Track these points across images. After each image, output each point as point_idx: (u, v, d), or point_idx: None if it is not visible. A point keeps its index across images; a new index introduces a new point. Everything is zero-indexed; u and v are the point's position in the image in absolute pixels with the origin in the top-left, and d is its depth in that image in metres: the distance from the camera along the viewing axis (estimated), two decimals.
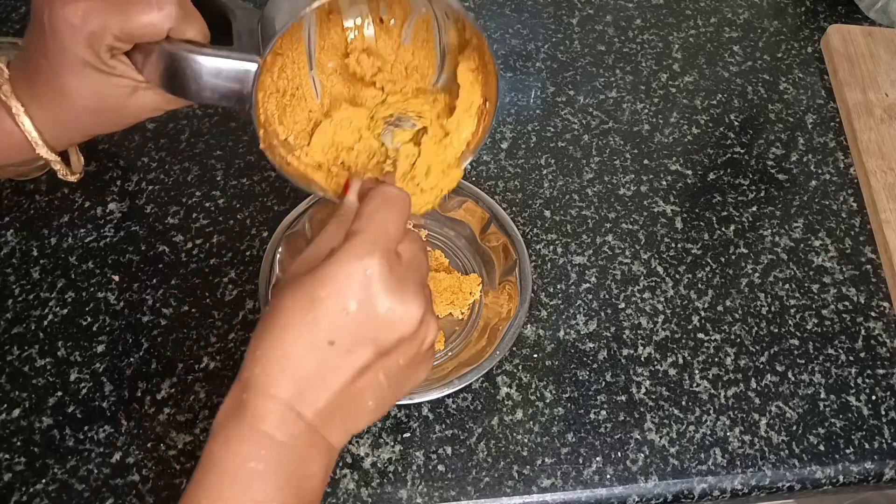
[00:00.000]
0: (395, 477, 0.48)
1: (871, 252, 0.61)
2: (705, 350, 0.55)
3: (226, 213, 0.59)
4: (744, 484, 0.50)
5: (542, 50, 0.72)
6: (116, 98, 0.39)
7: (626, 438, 0.51)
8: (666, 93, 0.70)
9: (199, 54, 0.36)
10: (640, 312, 0.56)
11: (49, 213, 0.58)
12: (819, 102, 0.70)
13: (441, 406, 0.51)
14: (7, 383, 0.50)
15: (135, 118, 0.41)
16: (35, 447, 0.48)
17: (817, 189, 0.65)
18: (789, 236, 0.62)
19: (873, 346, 0.56)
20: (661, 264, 0.59)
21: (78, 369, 0.51)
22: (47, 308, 0.54)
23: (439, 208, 0.59)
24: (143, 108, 0.40)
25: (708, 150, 0.66)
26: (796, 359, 0.55)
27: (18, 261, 0.56)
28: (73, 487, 0.47)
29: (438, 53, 0.44)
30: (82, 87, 0.37)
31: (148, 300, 0.54)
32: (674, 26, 0.75)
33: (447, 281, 0.55)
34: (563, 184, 0.63)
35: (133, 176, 0.61)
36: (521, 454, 0.50)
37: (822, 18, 0.77)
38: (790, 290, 0.58)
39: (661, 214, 0.62)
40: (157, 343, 0.53)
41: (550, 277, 0.58)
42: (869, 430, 0.52)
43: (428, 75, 0.45)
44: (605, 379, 0.53)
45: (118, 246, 0.57)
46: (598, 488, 0.49)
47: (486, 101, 0.43)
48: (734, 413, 0.52)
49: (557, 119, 0.67)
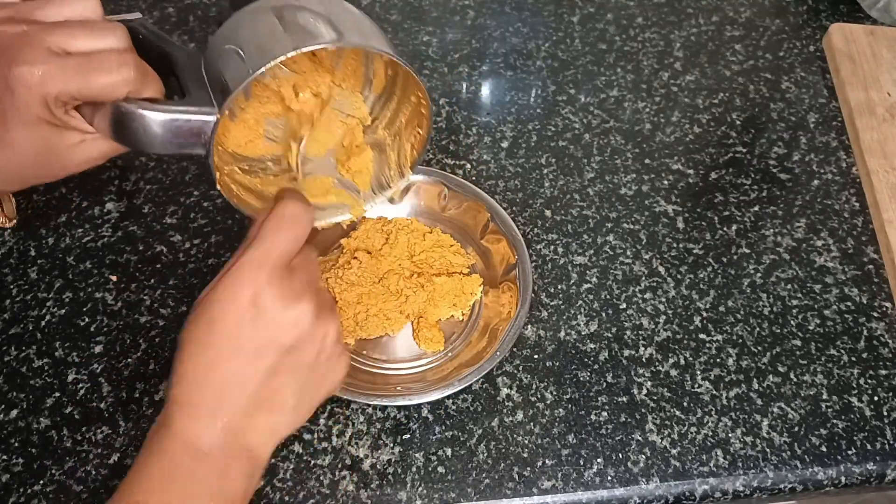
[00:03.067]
0: (395, 478, 0.48)
1: (873, 252, 0.61)
2: (707, 351, 0.55)
3: (224, 213, 0.59)
4: (745, 485, 0.50)
5: (543, 48, 0.72)
6: (64, 149, 0.39)
7: (628, 440, 0.50)
8: (667, 92, 0.70)
9: (153, 111, 0.37)
10: (642, 313, 0.56)
11: (47, 212, 0.58)
12: (821, 101, 0.70)
13: (441, 407, 0.51)
14: (4, 384, 0.50)
15: (81, 166, 0.41)
16: (33, 448, 0.48)
17: (819, 189, 0.64)
18: (791, 236, 0.61)
19: (875, 347, 0.56)
20: (662, 264, 0.59)
21: (76, 370, 0.51)
22: (45, 308, 0.53)
23: (439, 208, 0.58)
24: (90, 157, 0.40)
25: (710, 150, 0.66)
26: (798, 359, 0.55)
27: (16, 261, 0.55)
28: (71, 489, 0.47)
29: (366, 77, 0.46)
30: (31, 139, 0.37)
31: (146, 300, 0.54)
32: (675, 25, 0.75)
33: (449, 284, 0.54)
34: (564, 183, 0.63)
35: (131, 175, 0.60)
36: (522, 455, 0.49)
37: (824, 17, 0.77)
38: (792, 290, 0.58)
39: (662, 214, 0.62)
40: (155, 344, 0.52)
41: (551, 277, 0.57)
42: (871, 431, 0.52)
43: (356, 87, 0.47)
44: (606, 380, 0.53)
45: (116, 246, 0.57)
46: (599, 490, 0.49)
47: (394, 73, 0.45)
48: (736, 414, 0.52)
49: (558, 118, 0.67)
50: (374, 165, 0.48)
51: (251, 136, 0.45)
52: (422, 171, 0.58)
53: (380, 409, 0.51)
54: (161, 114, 0.37)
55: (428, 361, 0.53)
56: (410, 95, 0.45)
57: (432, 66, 0.70)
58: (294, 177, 0.47)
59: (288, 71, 0.43)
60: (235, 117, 0.43)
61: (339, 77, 0.45)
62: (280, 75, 0.43)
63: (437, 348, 0.53)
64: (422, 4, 0.75)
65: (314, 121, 0.46)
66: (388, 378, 0.52)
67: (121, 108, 0.36)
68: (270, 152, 0.46)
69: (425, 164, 0.62)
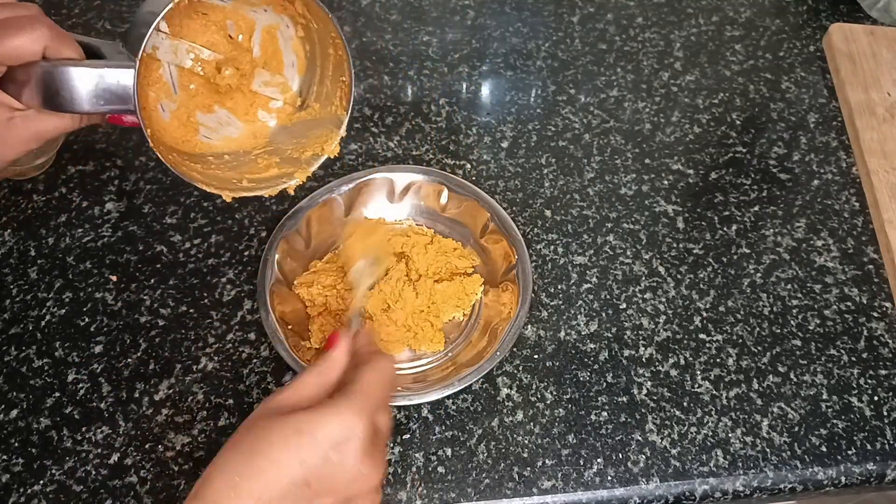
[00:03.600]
0: (395, 479, 0.48)
1: (873, 252, 0.61)
2: (707, 351, 0.55)
3: (224, 213, 0.59)
4: (745, 485, 0.50)
5: (543, 48, 0.72)
6: None
7: (628, 440, 0.50)
8: (667, 92, 0.70)
9: (77, 66, 0.38)
10: (642, 313, 0.56)
11: (47, 212, 0.58)
12: (821, 101, 0.70)
13: (441, 407, 0.51)
14: (5, 384, 0.50)
15: (20, 146, 0.41)
16: (33, 448, 0.48)
17: (819, 189, 0.64)
18: (791, 236, 0.61)
19: (875, 347, 0.56)
20: (662, 264, 0.59)
21: (76, 370, 0.51)
22: (45, 308, 0.53)
23: (439, 208, 0.58)
24: (24, 136, 0.40)
25: (710, 150, 0.66)
26: (798, 359, 0.55)
27: (16, 261, 0.55)
28: (71, 489, 0.47)
29: (287, 61, 0.50)
30: None
31: (146, 300, 0.54)
32: (675, 25, 0.75)
33: (451, 288, 0.54)
34: (564, 183, 0.63)
35: (131, 175, 0.60)
36: (522, 455, 0.49)
37: (824, 17, 0.77)
38: (792, 290, 0.58)
39: (662, 214, 0.62)
40: (154, 343, 0.52)
41: (551, 278, 0.57)
42: (871, 431, 0.52)
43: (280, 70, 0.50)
44: (606, 380, 0.53)
45: (116, 246, 0.57)
46: (598, 490, 0.49)
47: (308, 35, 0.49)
48: (736, 414, 0.52)
49: (558, 118, 0.67)
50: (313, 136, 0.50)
51: (187, 134, 0.47)
52: (422, 171, 0.58)
53: None
54: (84, 68, 0.38)
55: (428, 361, 0.53)
56: (328, 48, 0.47)
57: (432, 66, 0.70)
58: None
59: (210, 52, 0.47)
60: (166, 113, 0.46)
61: (261, 60, 0.49)
62: (202, 58, 0.46)
63: (437, 348, 0.53)
64: (422, 4, 0.75)
65: (246, 109, 0.50)
66: None
67: (43, 67, 0.38)
68: (209, 150, 0.48)
69: (425, 163, 0.62)
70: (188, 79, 0.47)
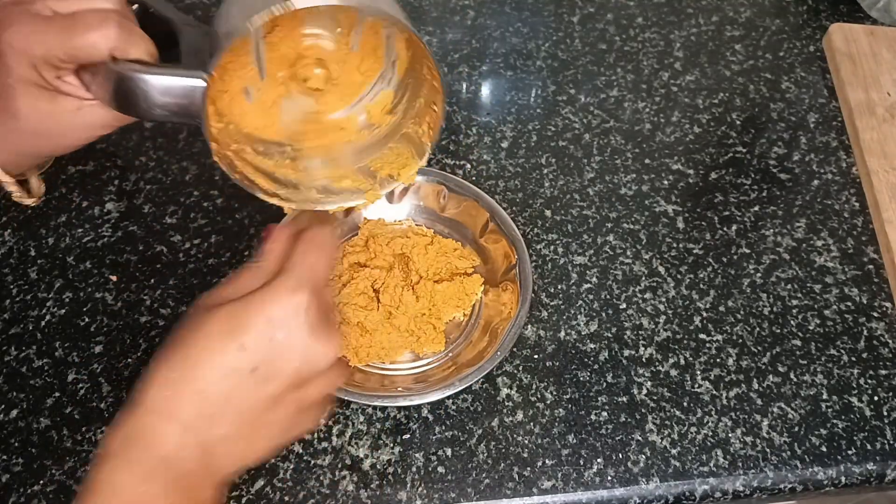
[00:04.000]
0: (395, 479, 0.48)
1: (873, 252, 0.61)
2: (707, 351, 0.55)
3: (224, 213, 0.59)
4: (745, 485, 0.50)
5: (543, 48, 0.72)
6: (63, 116, 0.39)
7: (628, 440, 0.50)
8: (667, 92, 0.70)
9: (145, 73, 0.37)
10: (642, 313, 0.56)
11: (46, 212, 0.58)
12: (821, 101, 0.70)
13: (441, 407, 0.51)
14: (4, 384, 0.50)
15: (85, 137, 0.41)
16: (33, 448, 0.48)
17: (819, 189, 0.64)
18: (791, 236, 0.61)
19: (875, 347, 0.56)
20: (662, 264, 0.59)
21: (76, 370, 0.51)
22: (45, 308, 0.53)
23: (439, 208, 0.58)
24: (91, 125, 0.40)
25: (710, 150, 0.66)
26: (798, 359, 0.55)
27: (16, 261, 0.55)
28: (71, 489, 0.47)
29: (388, 60, 0.44)
30: (30, 107, 0.38)
31: (146, 300, 0.54)
32: (675, 25, 0.75)
33: (451, 289, 0.54)
34: (564, 183, 0.63)
35: (131, 175, 0.60)
36: (522, 456, 0.49)
37: (824, 17, 0.77)
38: (792, 290, 0.58)
39: (662, 214, 0.62)
40: (155, 344, 0.52)
41: (551, 278, 0.57)
42: (871, 431, 0.52)
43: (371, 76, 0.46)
44: (606, 380, 0.53)
45: (116, 246, 0.57)
46: (598, 490, 0.49)
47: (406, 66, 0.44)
48: (736, 414, 0.52)
49: (558, 118, 0.67)
50: (394, 151, 0.47)
51: (268, 121, 0.44)
52: (421, 171, 0.58)
53: (380, 410, 0.51)
54: (154, 76, 0.37)
55: (428, 362, 0.53)
56: (423, 69, 0.43)
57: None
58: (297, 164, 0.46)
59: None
60: (251, 97, 0.42)
61: (358, 57, 0.44)
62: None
63: (437, 348, 0.53)
64: (422, 4, 0.75)
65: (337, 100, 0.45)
66: (388, 378, 0.52)
67: (116, 70, 0.37)
68: (288, 137, 0.45)
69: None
70: (277, 66, 0.43)
